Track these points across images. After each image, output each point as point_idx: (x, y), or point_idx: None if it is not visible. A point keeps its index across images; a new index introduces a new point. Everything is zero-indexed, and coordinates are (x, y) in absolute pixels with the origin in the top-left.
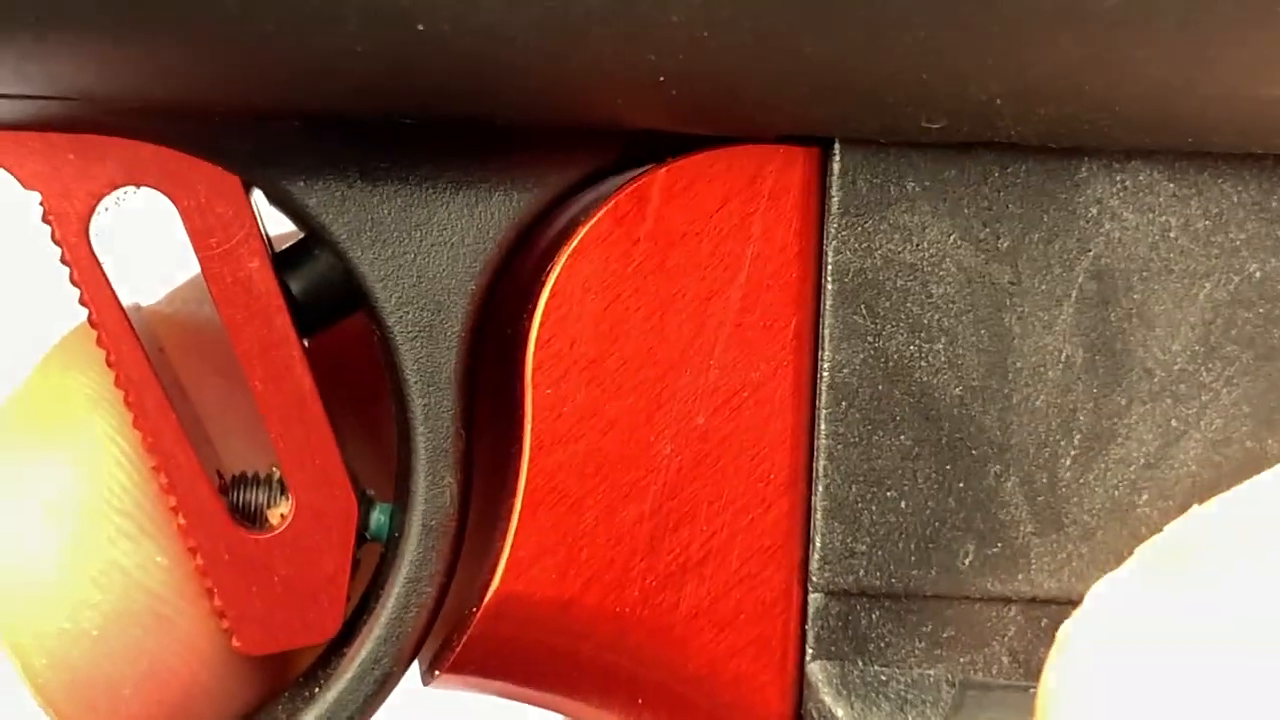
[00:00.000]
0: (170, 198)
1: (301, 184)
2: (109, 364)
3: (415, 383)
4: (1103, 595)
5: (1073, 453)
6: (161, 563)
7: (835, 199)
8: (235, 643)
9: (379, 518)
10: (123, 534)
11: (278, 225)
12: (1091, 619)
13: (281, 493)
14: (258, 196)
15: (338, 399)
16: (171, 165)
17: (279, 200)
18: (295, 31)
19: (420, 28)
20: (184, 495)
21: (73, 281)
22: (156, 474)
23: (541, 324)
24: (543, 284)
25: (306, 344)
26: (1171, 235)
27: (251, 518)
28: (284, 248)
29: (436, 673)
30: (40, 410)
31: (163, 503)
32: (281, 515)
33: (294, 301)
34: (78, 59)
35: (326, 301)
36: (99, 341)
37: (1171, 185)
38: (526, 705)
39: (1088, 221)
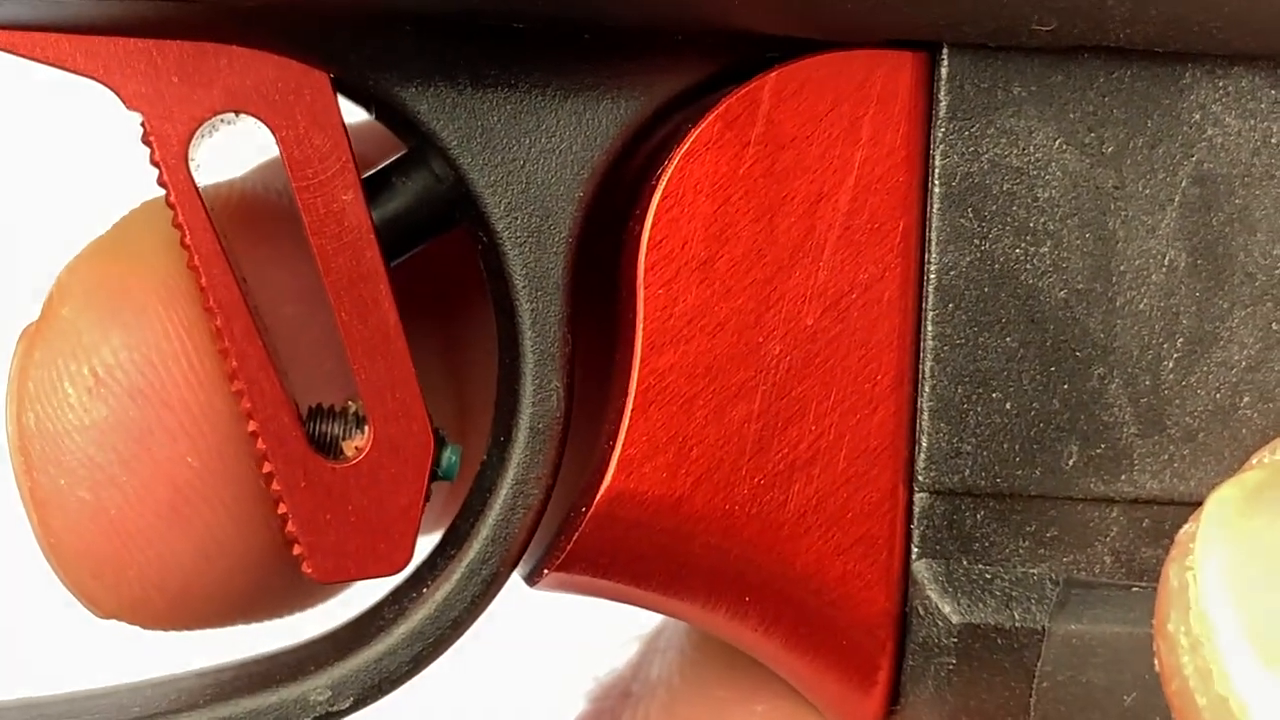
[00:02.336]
0: (270, 126)
1: (414, 90)
2: (200, 287)
3: (523, 288)
4: (1227, 498)
5: (1175, 355)
6: (192, 463)
7: (943, 103)
8: (306, 569)
9: (450, 457)
10: (162, 425)
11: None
12: (1217, 521)
13: (357, 426)
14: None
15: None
16: (274, 95)
17: (390, 107)
18: None
19: None
20: (265, 422)
21: (169, 203)
22: (239, 398)
23: (654, 225)
24: (654, 187)
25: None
26: (1273, 141)
27: (327, 449)
28: (368, 174)
29: (545, 572)
30: (115, 281)
31: (206, 411)
32: (356, 448)
33: (381, 229)
34: None
35: (411, 228)
36: (190, 263)
37: (1273, 91)
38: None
39: (1191, 127)
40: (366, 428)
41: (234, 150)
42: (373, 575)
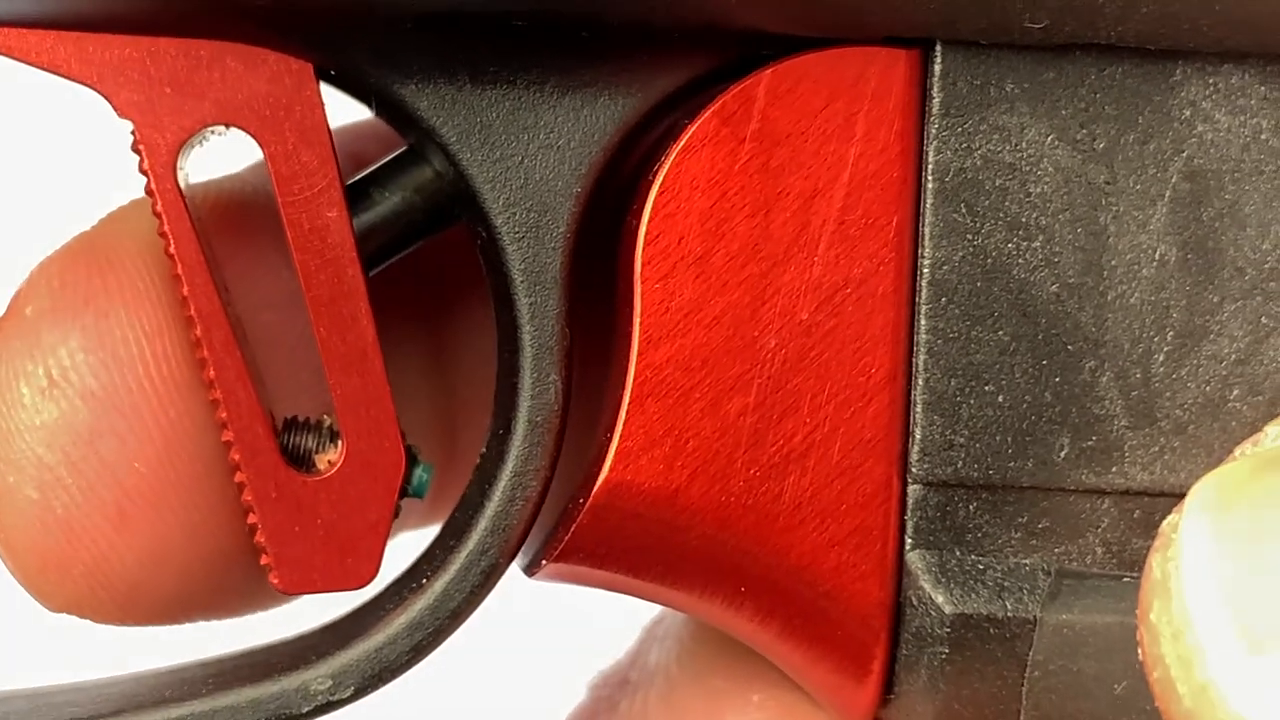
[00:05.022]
0: (259, 141)
1: (413, 87)
2: (181, 296)
3: (522, 282)
4: (1208, 490)
5: (1166, 349)
6: (139, 469)
7: (936, 100)
8: (273, 579)
9: (421, 475)
10: (113, 430)
11: None
12: (1198, 513)
13: (330, 440)
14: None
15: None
16: (265, 110)
17: (389, 103)
18: None
19: None
20: (240, 432)
21: (155, 212)
22: (215, 408)
23: (650, 220)
24: (650, 182)
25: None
26: (1263, 137)
27: (299, 461)
28: (365, 172)
29: (543, 562)
30: (84, 282)
31: (159, 418)
32: (329, 461)
33: (375, 229)
34: None
35: (408, 225)
36: (173, 271)
37: (1263, 88)
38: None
39: (1181, 123)
40: (340, 442)
41: (222, 159)
42: (338, 589)
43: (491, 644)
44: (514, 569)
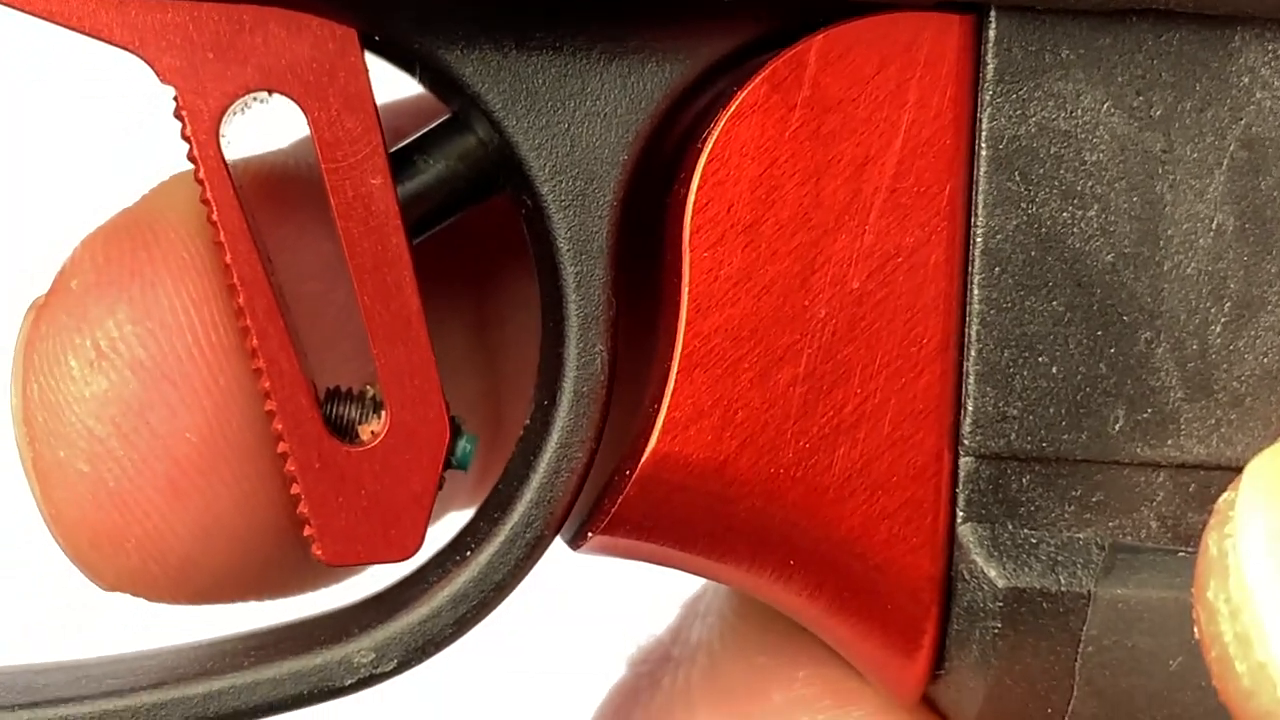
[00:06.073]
0: (302, 107)
1: (458, 53)
2: (224, 264)
3: (567, 251)
4: (1265, 466)
5: (1223, 320)
6: (191, 439)
7: (990, 66)
8: (316, 551)
9: (465, 446)
10: (164, 400)
11: None
12: (1255, 489)
13: (374, 410)
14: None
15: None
16: (308, 76)
17: (435, 70)
18: None
19: None
20: (283, 402)
21: (197, 179)
22: (258, 377)
23: (699, 188)
24: (699, 149)
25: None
26: None
27: (343, 432)
28: (408, 140)
29: (589, 535)
30: (128, 254)
31: (209, 387)
32: (372, 432)
33: (418, 197)
34: None
35: (452, 193)
36: (215, 239)
37: None
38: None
39: (1240, 91)
40: (383, 412)
41: (265, 128)
42: (382, 560)
43: (531, 616)
44: (556, 541)
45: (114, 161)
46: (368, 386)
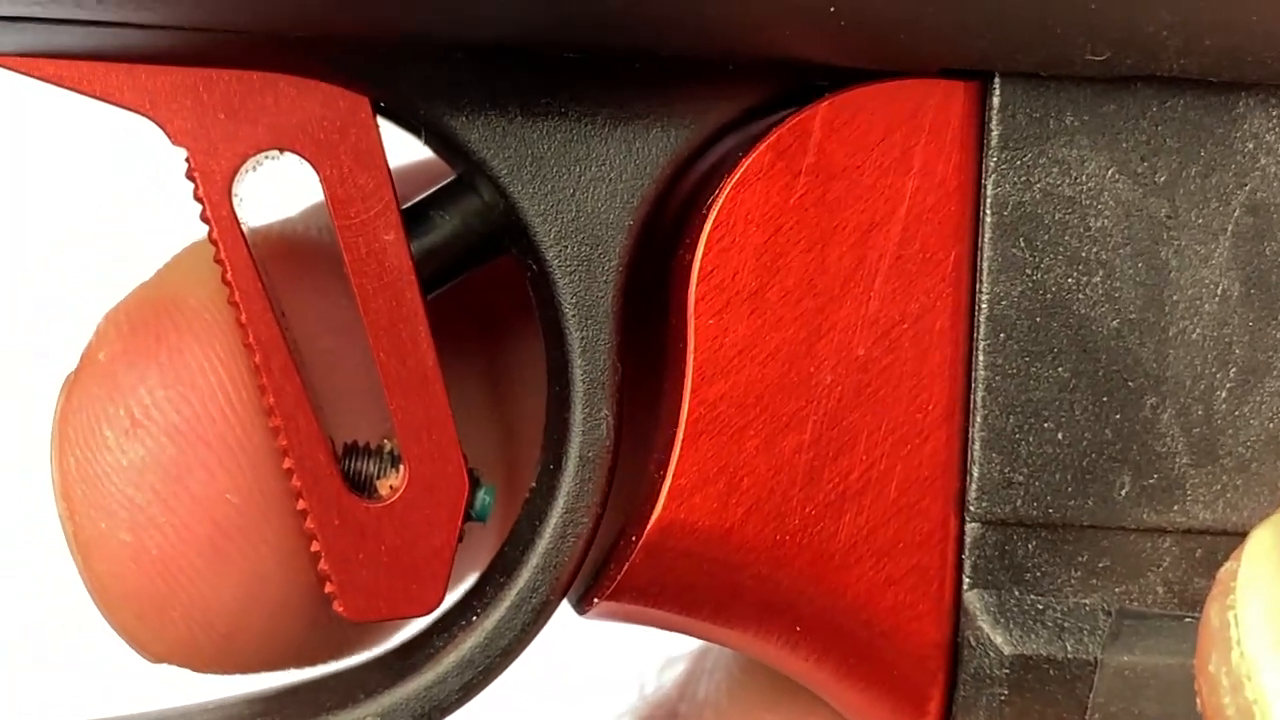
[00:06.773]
0: (314, 165)
1: (464, 119)
2: (239, 323)
3: (573, 316)
4: (1266, 536)
5: (1228, 385)
6: (232, 500)
7: (995, 132)
8: (337, 607)
9: (484, 498)
10: (201, 462)
11: None
12: (1256, 560)
13: (392, 465)
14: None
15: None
16: (319, 133)
17: (440, 134)
18: None
19: None
20: (301, 459)
21: (211, 239)
22: (276, 435)
23: (704, 255)
24: (704, 216)
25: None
26: None
27: (361, 487)
28: (416, 200)
29: (595, 600)
30: (152, 321)
31: (245, 445)
32: (391, 487)
33: (425, 257)
34: None
35: (457, 255)
36: (230, 298)
37: None
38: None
39: (1244, 156)
40: (401, 467)
41: (277, 186)
42: (404, 615)
43: (537, 672)
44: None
45: (114, 162)
46: (385, 441)
